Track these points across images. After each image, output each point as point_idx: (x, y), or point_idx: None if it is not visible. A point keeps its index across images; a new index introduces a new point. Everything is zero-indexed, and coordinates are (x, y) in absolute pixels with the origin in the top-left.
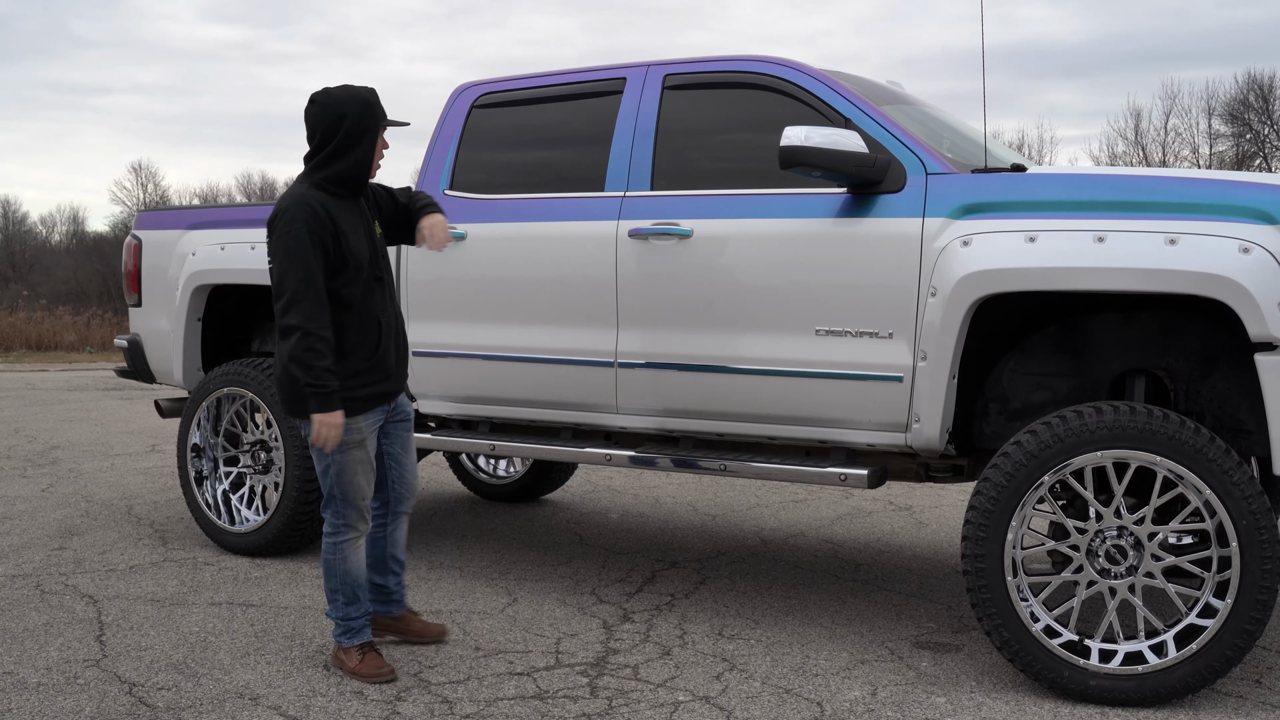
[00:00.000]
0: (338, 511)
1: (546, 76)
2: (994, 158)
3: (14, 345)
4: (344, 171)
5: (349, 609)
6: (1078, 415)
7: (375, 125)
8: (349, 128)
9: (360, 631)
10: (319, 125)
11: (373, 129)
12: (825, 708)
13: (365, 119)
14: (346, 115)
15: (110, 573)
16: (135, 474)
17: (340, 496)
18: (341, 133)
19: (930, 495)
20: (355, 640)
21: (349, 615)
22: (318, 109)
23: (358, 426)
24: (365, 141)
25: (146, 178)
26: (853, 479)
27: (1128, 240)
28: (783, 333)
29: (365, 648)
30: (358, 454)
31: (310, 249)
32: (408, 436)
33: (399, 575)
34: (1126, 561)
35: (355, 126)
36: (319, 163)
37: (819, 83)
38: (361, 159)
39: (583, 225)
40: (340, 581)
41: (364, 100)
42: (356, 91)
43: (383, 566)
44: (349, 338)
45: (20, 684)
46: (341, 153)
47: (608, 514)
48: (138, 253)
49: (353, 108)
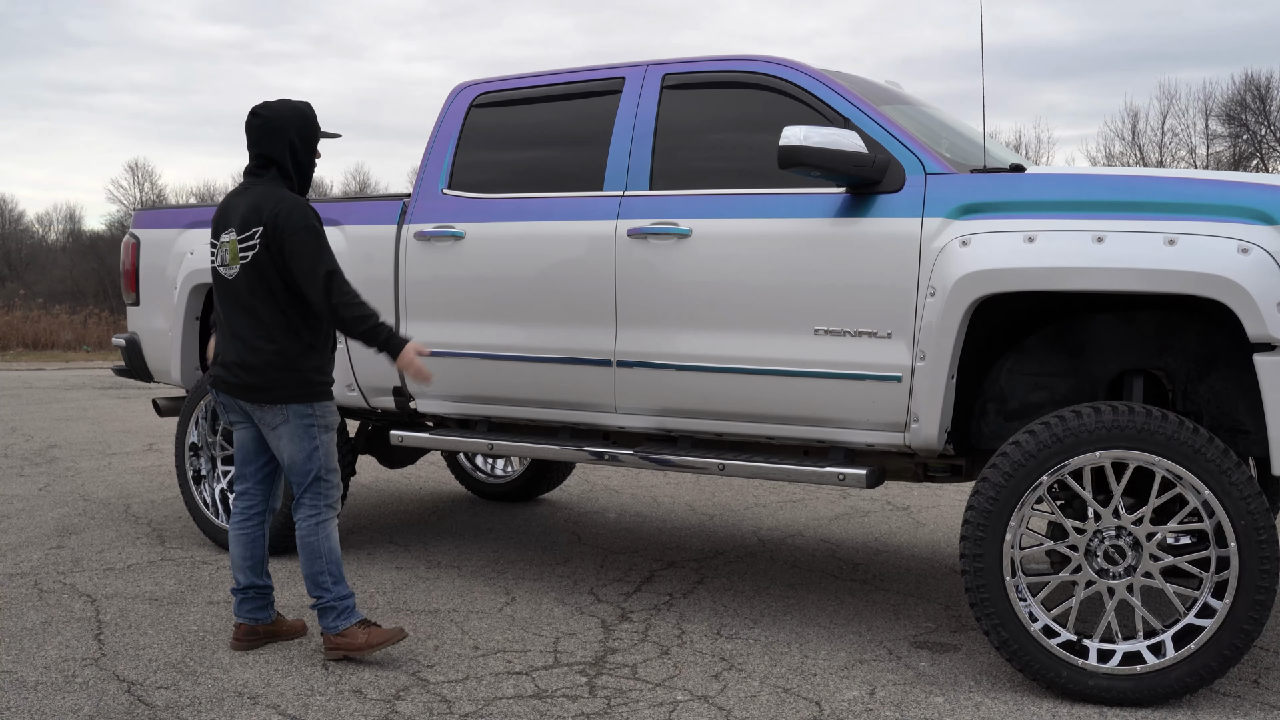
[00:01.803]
0: (321, 493)
1: (545, 76)
2: (993, 158)
3: (11, 344)
4: (299, 181)
5: (338, 588)
6: (1076, 415)
7: (316, 138)
8: (308, 138)
9: (353, 610)
10: (264, 138)
11: (314, 141)
12: (824, 707)
13: (315, 128)
14: (304, 123)
15: (108, 571)
16: (133, 473)
17: (324, 477)
18: (310, 141)
19: (928, 495)
20: (353, 619)
21: (341, 595)
22: (262, 122)
23: (334, 409)
24: (313, 154)
25: (143, 176)
26: (851, 479)
27: (1127, 240)
28: (781, 332)
29: (364, 623)
30: (332, 437)
31: (325, 238)
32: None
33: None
34: (1125, 561)
35: (310, 138)
36: (279, 174)
37: (818, 82)
38: (306, 169)
39: (581, 225)
40: (327, 561)
41: (304, 115)
42: (297, 105)
43: (261, 568)
44: (319, 332)
45: (19, 683)
46: (309, 161)
47: (605, 513)
48: (135, 251)
49: (307, 121)
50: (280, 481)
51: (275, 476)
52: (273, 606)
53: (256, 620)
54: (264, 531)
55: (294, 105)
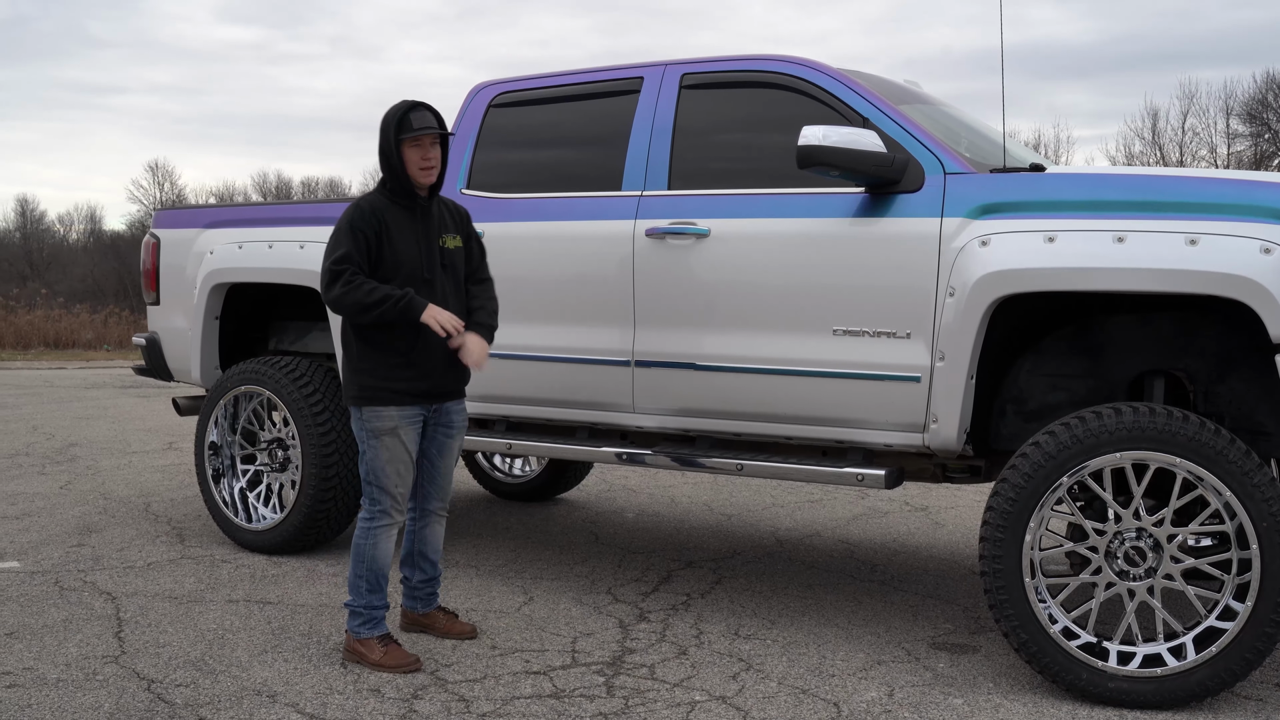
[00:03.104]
0: (372, 498)
1: (563, 76)
2: (1012, 157)
3: (32, 343)
4: (390, 181)
5: (371, 597)
6: (1097, 416)
7: (398, 139)
8: (382, 143)
9: (380, 622)
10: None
11: (397, 142)
12: (842, 708)
13: (388, 134)
14: (381, 126)
15: (128, 570)
16: (153, 471)
17: (374, 483)
18: (382, 142)
19: (946, 496)
20: (375, 631)
21: (371, 604)
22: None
23: (388, 415)
24: (395, 154)
25: (163, 176)
26: (870, 479)
27: (1148, 240)
28: (800, 332)
29: (385, 639)
30: (388, 441)
31: (348, 236)
32: (447, 443)
33: (427, 574)
34: (1145, 563)
35: (384, 141)
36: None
37: (837, 82)
38: (398, 170)
39: (599, 224)
40: (367, 568)
41: (389, 117)
42: (393, 109)
43: (411, 561)
44: (385, 331)
45: (40, 679)
46: (385, 164)
47: (623, 513)
48: (156, 251)
49: (383, 124)
50: (427, 480)
51: (420, 475)
52: (428, 602)
53: (406, 607)
54: (414, 529)
55: (391, 108)
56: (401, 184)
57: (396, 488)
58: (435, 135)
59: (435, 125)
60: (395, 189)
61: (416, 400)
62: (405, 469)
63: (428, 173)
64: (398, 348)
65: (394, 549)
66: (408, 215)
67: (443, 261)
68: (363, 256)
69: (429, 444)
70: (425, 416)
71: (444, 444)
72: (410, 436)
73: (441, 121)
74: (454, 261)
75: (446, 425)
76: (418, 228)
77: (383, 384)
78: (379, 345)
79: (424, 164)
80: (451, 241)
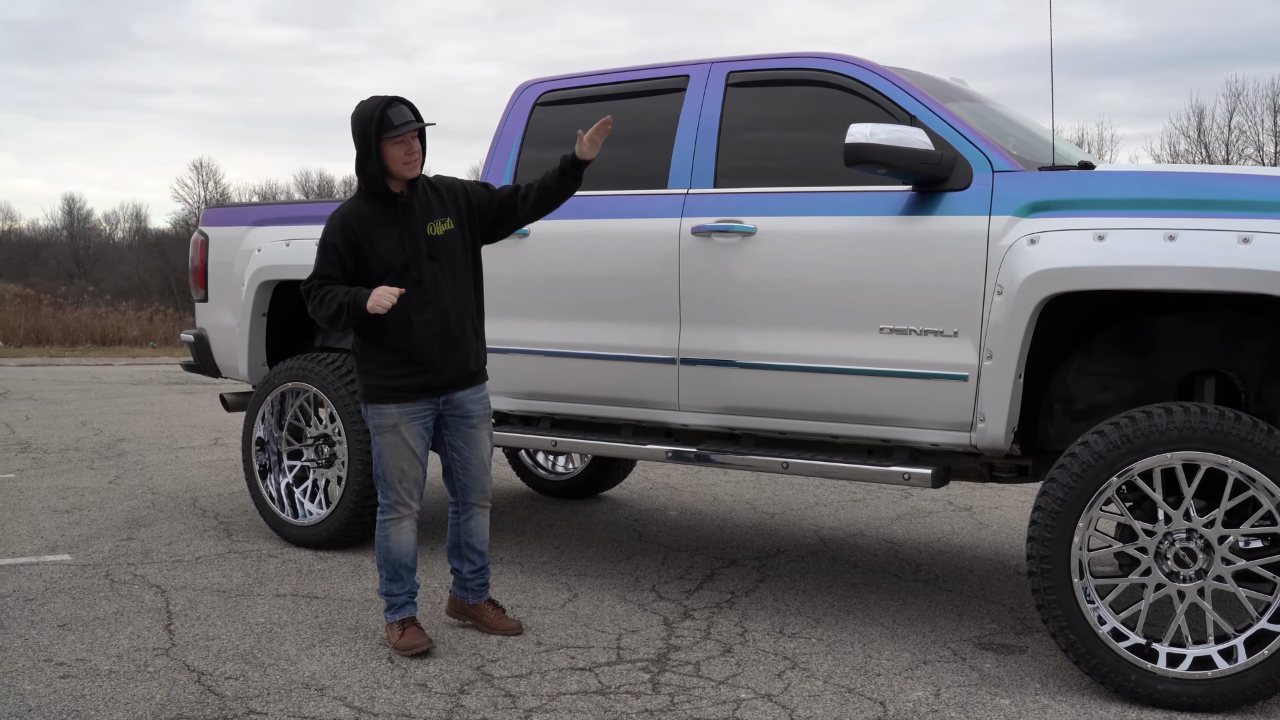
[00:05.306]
0: (382, 492)
1: (609, 74)
2: (1061, 155)
3: (80, 340)
4: (366, 180)
5: (391, 585)
6: (1147, 416)
7: (378, 135)
8: (360, 139)
9: (402, 608)
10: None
11: (378, 139)
12: (888, 708)
13: (367, 134)
14: (356, 127)
15: (177, 563)
16: (199, 467)
17: (382, 477)
18: (359, 144)
19: (990, 496)
20: (397, 616)
21: (391, 591)
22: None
23: (388, 412)
24: (375, 151)
25: (207, 175)
26: (916, 478)
27: (1200, 239)
28: (846, 331)
29: (406, 623)
30: (389, 438)
31: (320, 253)
32: (471, 433)
33: (475, 564)
34: (1195, 565)
35: (362, 142)
36: (357, 171)
37: (884, 80)
38: (375, 168)
39: (646, 222)
40: (383, 558)
41: (368, 112)
42: (367, 103)
43: (458, 553)
44: (381, 331)
45: (93, 671)
46: (361, 163)
47: (666, 511)
48: (204, 248)
49: (359, 124)
50: (460, 473)
51: (453, 468)
52: (479, 593)
53: (457, 596)
54: (458, 521)
55: (363, 104)
56: (376, 187)
57: (400, 483)
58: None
59: (415, 119)
60: (368, 188)
61: (418, 395)
62: (409, 464)
63: (411, 167)
64: (393, 344)
65: (413, 540)
66: (388, 215)
67: (431, 253)
68: (336, 270)
69: (452, 437)
70: (434, 410)
71: (468, 435)
72: (413, 432)
73: (419, 114)
74: (446, 247)
75: (465, 416)
76: (400, 226)
77: (382, 381)
78: (377, 343)
79: (408, 159)
80: (440, 227)
